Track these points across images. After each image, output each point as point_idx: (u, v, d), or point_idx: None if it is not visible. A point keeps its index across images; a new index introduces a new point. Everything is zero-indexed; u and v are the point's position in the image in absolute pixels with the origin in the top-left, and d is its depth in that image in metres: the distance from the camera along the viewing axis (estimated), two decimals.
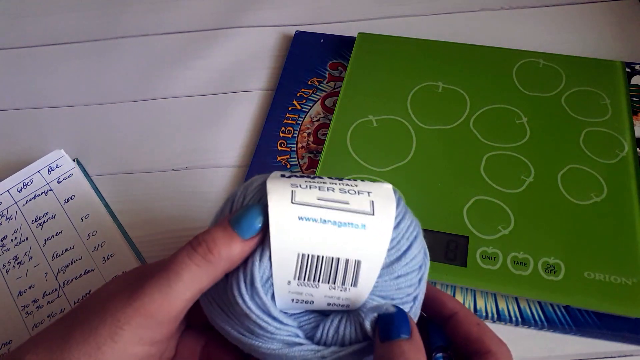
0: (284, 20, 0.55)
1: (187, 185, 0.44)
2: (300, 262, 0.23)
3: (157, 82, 0.51)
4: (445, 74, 0.46)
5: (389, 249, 0.25)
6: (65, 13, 0.57)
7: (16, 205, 0.42)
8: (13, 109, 0.50)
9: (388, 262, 0.25)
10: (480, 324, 0.26)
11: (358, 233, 0.24)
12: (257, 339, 0.24)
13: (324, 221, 0.24)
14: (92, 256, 0.39)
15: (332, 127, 0.44)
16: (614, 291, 0.34)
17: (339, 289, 0.24)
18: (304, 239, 0.23)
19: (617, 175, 0.39)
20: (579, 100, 0.44)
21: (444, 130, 0.43)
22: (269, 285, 0.24)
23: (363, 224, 0.24)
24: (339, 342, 0.24)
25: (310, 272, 0.24)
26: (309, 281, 0.24)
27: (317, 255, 0.24)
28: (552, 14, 0.52)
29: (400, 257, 0.25)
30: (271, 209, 0.23)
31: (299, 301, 0.24)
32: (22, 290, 0.39)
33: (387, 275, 0.25)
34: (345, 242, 0.24)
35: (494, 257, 0.36)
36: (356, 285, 0.24)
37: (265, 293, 0.24)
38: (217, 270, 0.24)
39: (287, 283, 0.24)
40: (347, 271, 0.24)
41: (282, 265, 0.23)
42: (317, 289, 0.24)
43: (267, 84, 0.50)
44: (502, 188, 0.39)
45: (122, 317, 0.22)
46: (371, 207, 0.24)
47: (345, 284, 0.24)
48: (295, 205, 0.24)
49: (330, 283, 0.24)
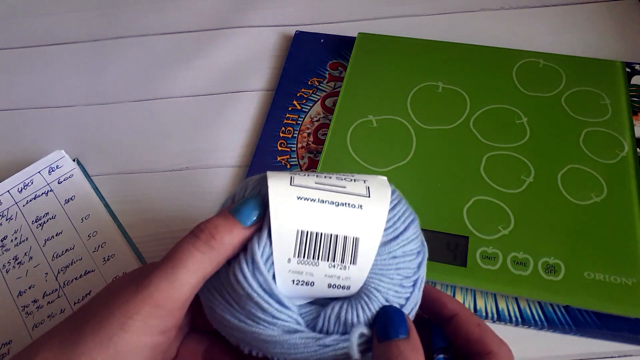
0: (284, 20, 0.55)
1: (187, 185, 0.44)
2: (299, 239, 0.24)
3: (157, 82, 0.51)
4: (445, 74, 0.46)
5: (386, 229, 0.25)
6: (65, 13, 0.57)
7: (16, 205, 0.42)
8: (13, 109, 0.51)
9: (385, 240, 0.25)
10: (481, 324, 0.26)
11: (355, 212, 0.25)
12: (258, 326, 0.24)
13: (322, 201, 0.24)
14: (93, 257, 0.39)
15: (332, 127, 0.44)
16: (614, 291, 0.35)
17: (339, 267, 0.24)
18: (303, 217, 0.24)
19: (617, 175, 0.39)
20: (579, 100, 0.44)
21: (444, 130, 0.43)
22: (270, 264, 0.24)
23: (360, 205, 0.25)
24: (341, 329, 0.24)
25: (310, 249, 0.24)
26: (308, 258, 0.24)
27: (316, 232, 0.24)
28: (552, 14, 0.52)
29: (397, 237, 0.26)
30: (271, 189, 0.24)
31: (299, 282, 0.24)
32: (22, 291, 0.39)
33: (385, 253, 0.25)
34: (343, 220, 0.24)
35: (494, 257, 0.36)
36: (355, 263, 0.24)
37: (266, 270, 0.24)
38: (220, 256, 0.24)
39: (287, 261, 0.24)
40: (345, 248, 0.24)
41: (281, 243, 0.24)
42: (317, 267, 0.24)
43: (267, 84, 0.50)
44: (502, 188, 0.39)
45: (131, 308, 0.22)
46: (367, 191, 0.26)
47: (345, 261, 0.24)
48: (294, 187, 0.25)
49: (329, 261, 0.24)
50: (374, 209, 0.25)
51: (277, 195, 0.24)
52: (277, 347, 0.24)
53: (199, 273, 0.24)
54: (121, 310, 0.22)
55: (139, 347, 0.23)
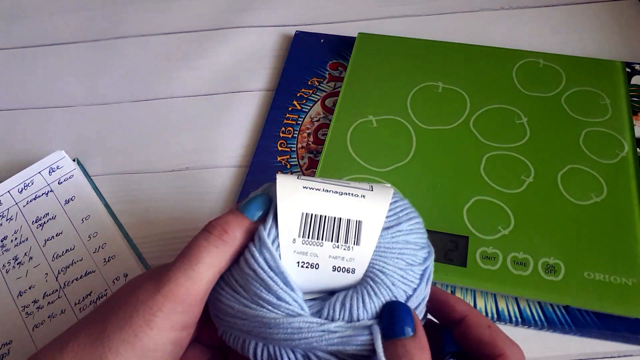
0: (284, 20, 0.55)
1: (187, 185, 0.44)
2: (304, 220, 0.25)
3: (157, 82, 0.51)
4: (445, 74, 0.46)
5: (388, 216, 0.26)
6: (65, 13, 0.57)
7: (17, 206, 0.42)
8: (13, 109, 0.51)
9: (388, 226, 0.26)
10: (491, 326, 0.26)
11: (358, 200, 0.26)
12: (261, 309, 0.24)
13: (326, 191, 0.26)
14: (93, 257, 0.39)
15: (332, 127, 0.44)
16: (613, 291, 0.35)
17: (343, 247, 0.25)
18: (308, 202, 0.25)
19: (617, 175, 0.39)
20: (579, 100, 0.44)
21: (444, 131, 0.43)
22: (277, 245, 0.25)
23: (363, 195, 0.26)
24: (346, 316, 0.24)
25: (314, 229, 0.25)
26: (312, 239, 0.25)
27: (320, 214, 0.25)
28: (552, 14, 0.52)
29: (400, 223, 0.26)
30: (279, 181, 0.26)
31: (304, 264, 0.25)
32: (22, 291, 0.39)
33: (388, 236, 0.26)
34: (347, 206, 0.25)
35: (494, 257, 0.36)
36: (359, 244, 0.25)
37: (273, 248, 0.25)
38: (233, 250, 0.25)
39: (292, 241, 0.25)
40: (349, 229, 0.25)
41: (287, 223, 0.25)
42: (321, 247, 0.25)
43: (267, 84, 0.50)
44: (502, 188, 0.39)
45: (154, 305, 0.23)
46: (370, 187, 0.27)
47: (348, 242, 0.25)
48: (301, 180, 0.26)
49: (333, 241, 0.25)
50: (377, 199, 0.26)
51: (284, 185, 0.26)
52: (280, 330, 0.24)
53: (215, 267, 0.24)
54: (145, 307, 0.23)
55: (163, 343, 0.23)
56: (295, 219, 0.25)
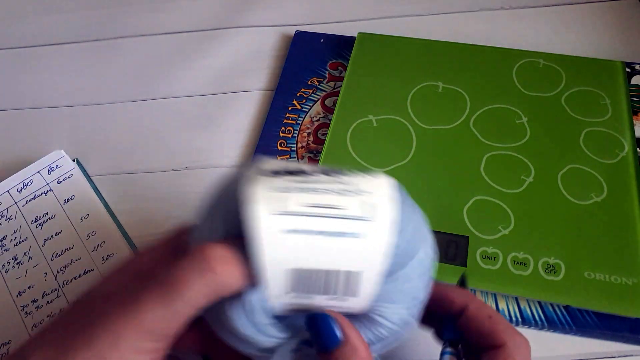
0: (284, 20, 0.55)
1: (187, 185, 0.44)
2: (291, 278, 0.22)
3: (157, 82, 0.51)
4: (445, 74, 0.46)
5: (392, 256, 0.22)
6: (65, 13, 0.57)
7: (16, 205, 0.42)
8: (13, 109, 0.50)
9: (391, 269, 0.23)
10: (492, 316, 0.25)
11: (354, 243, 0.21)
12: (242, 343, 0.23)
13: (315, 232, 0.21)
14: (92, 256, 0.39)
15: (332, 127, 0.44)
16: (614, 291, 0.34)
17: (338, 300, 0.22)
18: (294, 254, 0.21)
19: (617, 175, 0.39)
20: (579, 100, 0.44)
21: (444, 130, 0.43)
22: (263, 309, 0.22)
23: (359, 233, 0.21)
24: None
25: (305, 286, 0.22)
26: (303, 293, 0.22)
27: (310, 269, 0.21)
28: (552, 14, 0.52)
29: (405, 264, 0.23)
30: (254, 225, 0.21)
31: (294, 307, 0.23)
32: (22, 290, 0.39)
33: (390, 283, 0.23)
34: (340, 254, 0.21)
35: (494, 257, 0.36)
36: (356, 295, 0.22)
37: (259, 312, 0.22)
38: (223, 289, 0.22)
39: (281, 295, 0.22)
40: (344, 282, 0.22)
41: (273, 281, 0.22)
42: (312, 300, 0.22)
43: (267, 84, 0.50)
44: (502, 188, 0.39)
45: (122, 330, 0.21)
46: (369, 212, 0.22)
47: (345, 294, 0.22)
48: (281, 217, 0.21)
49: (326, 295, 0.22)
50: (377, 237, 0.22)
51: (262, 230, 0.21)
52: None
53: (199, 303, 0.22)
54: (111, 331, 0.21)
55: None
56: (280, 278, 0.21)
